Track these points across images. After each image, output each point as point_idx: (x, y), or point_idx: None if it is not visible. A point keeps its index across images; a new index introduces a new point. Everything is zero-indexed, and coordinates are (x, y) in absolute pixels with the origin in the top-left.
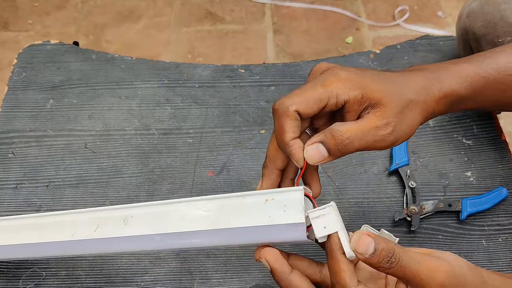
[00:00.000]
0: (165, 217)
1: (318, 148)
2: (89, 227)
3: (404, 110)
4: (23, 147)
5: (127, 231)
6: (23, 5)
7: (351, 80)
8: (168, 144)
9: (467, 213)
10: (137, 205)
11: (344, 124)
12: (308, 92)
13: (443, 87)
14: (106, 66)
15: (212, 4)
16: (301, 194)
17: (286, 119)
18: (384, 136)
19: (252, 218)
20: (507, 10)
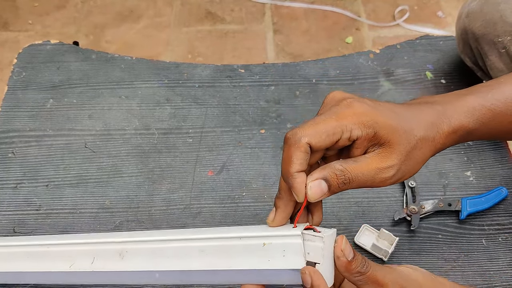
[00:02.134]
0: (160, 253)
1: (320, 185)
2: (86, 259)
3: (412, 150)
4: (23, 146)
5: (123, 265)
6: (23, 5)
7: (366, 115)
8: (168, 143)
9: (467, 213)
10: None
11: (346, 162)
12: (322, 124)
13: (451, 122)
14: (106, 66)
15: (212, 4)
16: (300, 239)
17: (296, 150)
18: (385, 178)
19: (251, 261)
20: (507, 10)
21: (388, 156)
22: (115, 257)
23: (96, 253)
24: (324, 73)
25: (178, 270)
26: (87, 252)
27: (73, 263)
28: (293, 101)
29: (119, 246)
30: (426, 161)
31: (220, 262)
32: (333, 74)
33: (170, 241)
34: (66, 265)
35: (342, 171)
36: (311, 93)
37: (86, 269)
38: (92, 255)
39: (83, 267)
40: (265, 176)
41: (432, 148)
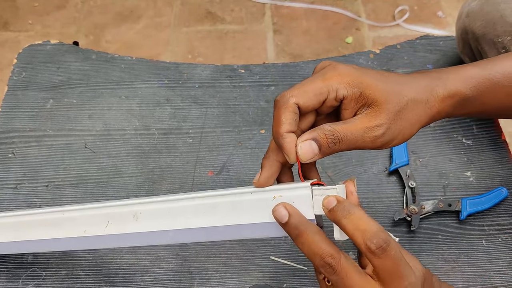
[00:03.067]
0: (174, 212)
1: (310, 145)
2: (100, 224)
3: (402, 110)
4: (23, 147)
5: (138, 227)
6: (23, 5)
7: (351, 75)
8: (168, 144)
9: (467, 213)
10: (145, 201)
11: (335, 124)
12: (308, 85)
13: (447, 86)
14: (106, 66)
15: (212, 4)
16: (309, 190)
17: (284, 110)
18: (374, 137)
19: (262, 214)
20: (507, 9)
21: (377, 115)
22: (129, 219)
23: (110, 216)
24: None
25: (192, 228)
26: (101, 217)
27: (87, 228)
28: None
29: (133, 208)
30: (422, 125)
31: (232, 217)
32: None
33: (183, 199)
34: (80, 231)
35: (331, 131)
36: None
37: (101, 233)
38: (106, 218)
39: (97, 231)
40: None
41: (428, 111)
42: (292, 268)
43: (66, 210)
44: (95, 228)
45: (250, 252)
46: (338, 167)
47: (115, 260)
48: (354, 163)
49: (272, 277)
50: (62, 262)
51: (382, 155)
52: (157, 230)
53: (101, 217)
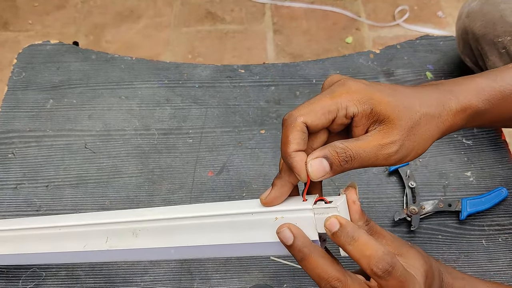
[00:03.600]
0: (174, 230)
1: (321, 163)
2: (100, 239)
3: (415, 126)
4: (23, 147)
5: (138, 243)
6: (23, 5)
7: (360, 92)
8: (168, 144)
9: (467, 213)
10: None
11: (348, 141)
12: (316, 103)
13: (460, 100)
14: (106, 66)
15: (212, 4)
16: (311, 213)
17: (292, 129)
18: (388, 154)
19: (264, 234)
20: (507, 9)
21: (390, 132)
22: (129, 236)
23: (109, 232)
24: (324, 73)
25: (194, 246)
26: (100, 232)
27: (87, 243)
28: (293, 101)
29: (132, 226)
30: (434, 140)
31: (233, 236)
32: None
33: (183, 218)
34: (80, 245)
35: (343, 149)
36: (311, 94)
37: (100, 248)
38: (105, 234)
39: (97, 246)
40: (265, 176)
41: (440, 125)
42: (292, 268)
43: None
44: (95, 243)
45: None
46: None
47: (115, 261)
48: None
49: (272, 278)
50: (62, 263)
51: None
52: (156, 247)
53: (100, 232)
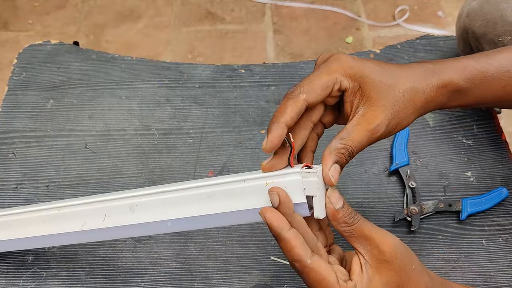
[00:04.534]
0: (170, 203)
1: (336, 168)
2: (97, 217)
3: (398, 102)
4: (24, 147)
5: (135, 218)
6: (23, 5)
7: (353, 67)
8: (168, 144)
9: (467, 213)
10: (140, 193)
11: (343, 139)
12: (316, 80)
13: (441, 77)
14: (106, 66)
15: (212, 4)
16: (299, 176)
17: (292, 103)
18: (378, 136)
19: (256, 200)
20: (507, 9)
21: (374, 115)
22: (126, 212)
23: (107, 210)
24: None
25: (189, 217)
26: (98, 210)
27: (85, 222)
28: None
29: (128, 201)
30: (419, 113)
31: (228, 205)
32: None
33: (178, 190)
34: (78, 225)
35: (344, 148)
36: None
37: (99, 226)
38: (103, 212)
39: (95, 224)
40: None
41: (423, 100)
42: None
43: (61, 206)
44: (93, 222)
45: (250, 252)
46: None
47: (116, 261)
48: (355, 163)
49: (272, 278)
50: (62, 263)
51: (383, 155)
52: (154, 221)
53: (98, 210)
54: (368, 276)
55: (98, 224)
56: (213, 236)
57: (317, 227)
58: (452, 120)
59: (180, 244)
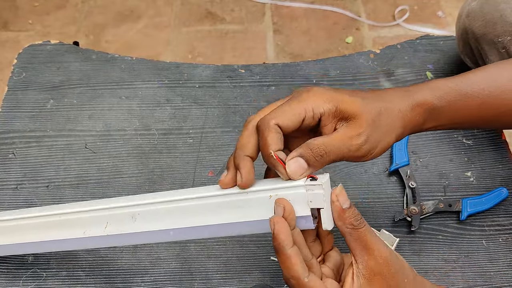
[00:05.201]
0: (173, 212)
1: (298, 161)
2: (99, 225)
3: (377, 118)
4: (23, 147)
5: (137, 227)
6: (23, 5)
7: (324, 94)
8: (168, 144)
9: (467, 213)
10: (142, 202)
11: (319, 138)
12: (285, 107)
13: (415, 97)
14: (106, 66)
15: (212, 4)
16: (304, 189)
17: (268, 132)
18: (358, 145)
19: (261, 212)
20: (507, 9)
21: (355, 126)
22: (128, 220)
23: (109, 218)
24: (325, 73)
25: (191, 227)
26: (100, 218)
27: (86, 229)
28: None
29: (131, 210)
30: (398, 134)
31: (231, 216)
32: (333, 74)
33: (181, 200)
34: (79, 232)
35: (316, 145)
36: None
37: (100, 234)
38: (104, 220)
39: (97, 232)
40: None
41: (401, 120)
42: None
43: (62, 212)
44: (94, 229)
45: (250, 252)
46: (339, 167)
47: (116, 261)
48: (355, 163)
49: (272, 278)
50: (62, 263)
51: (383, 155)
52: (156, 230)
53: (99, 218)
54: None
55: (99, 232)
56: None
57: (313, 238)
58: None
59: (180, 244)
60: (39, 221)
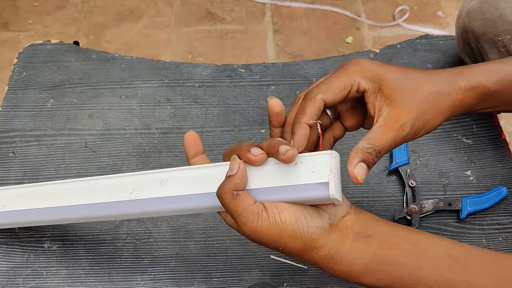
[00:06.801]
0: (200, 179)
1: (362, 167)
2: (124, 190)
3: (422, 105)
4: (24, 146)
5: (164, 192)
6: (23, 5)
7: (371, 70)
8: (168, 143)
9: (467, 212)
10: (171, 169)
11: (369, 139)
12: (333, 81)
13: (469, 80)
14: (106, 65)
15: (212, 4)
16: (328, 157)
17: (311, 104)
18: (404, 136)
19: (283, 179)
20: (506, 8)
21: (398, 116)
22: (155, 185)
23: (136, 183)
24: (324, 72)
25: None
26: (126, 184)
27: (112, 194)
28: (293, 100)
29: (159, 176)
30: (446, 116)
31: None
32: None
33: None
34: (104, 197)
35: (371, 147)
36: None
37: (125, 199)
38: (131, 186)
39: (122, 197)
40: None
41: (449, 102)
42: (293, 267)
43: (90, 179)
44: (119, 194)
45: (250, 251)
46: None
47: (116, 259)
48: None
49: (272, 276)
50: (62, 261)
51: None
52: (182, 195)
53: (126, 184)
54: None
55: (124, 197)
56: (213, 235)
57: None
58: (452, 119)
59: (180, 243)
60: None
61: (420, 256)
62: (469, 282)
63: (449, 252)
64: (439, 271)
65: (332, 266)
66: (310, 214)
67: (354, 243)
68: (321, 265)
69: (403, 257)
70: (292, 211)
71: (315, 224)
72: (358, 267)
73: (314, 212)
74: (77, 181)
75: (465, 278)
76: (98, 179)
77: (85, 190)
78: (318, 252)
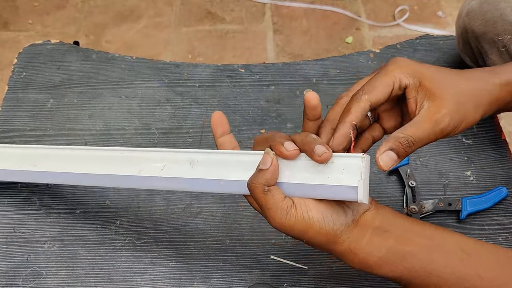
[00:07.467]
0: (231, 164)
1: (389, 155)
2: (156, 166)
3: (461, 98)
4: None
5: (194, 174)
6: (23, 5)
7: (409, 67)
8: (168, 143)
9: (467, 212)
10: (203, 151)
11: (405, 129)
12: (376, 81)
13: (502, 76)
14: (106, 65)
15: (212, 4)
16: (360, 161)
17: (356, 104)
18: (442, 128)
19: (313, 176)
20: (506, 8)
21: (438, 108)
22: (186, 165)
23: (167, 160)
24: (324, 72)
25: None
26: (158, 160)
27: (143, 168)
28: (293, 100)
29: (190, 156)
30: (485, 111)
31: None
32: (333, 73)
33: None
34: (135, 170)
35: (403, 137)
36: None
37: (156, 175)
38: (163, 162)
39: (152, 172)
40: None
41: (487, 96)
42: (293, 267)
43: (124, 150)
44: (150, 170)
45: (250, 251)
46: None
47: (115, 260)
48: None
49: (272, 277)
50: (62, 262)
51: None
52: (212, 179)
53: (158, 160)
54: None
55: (155, 172)
56: (213, 235)
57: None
58: None
59: (180, 243)
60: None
61: (433, 249)
62: (480, 275)
63: (461, 247)
64: (451, 264)
65: (350, 258)
66: (336, 212)
67: (373, 237)
68: (340, 257)
69: (416, 250)
70: (320, 209)
71: (340, 221)
72: (373, 259)
73: (340, 210)
74: (109, 149)
75: (476, 272)
76: (130, 150)
77: (117, 160)
78: (340, 246)
